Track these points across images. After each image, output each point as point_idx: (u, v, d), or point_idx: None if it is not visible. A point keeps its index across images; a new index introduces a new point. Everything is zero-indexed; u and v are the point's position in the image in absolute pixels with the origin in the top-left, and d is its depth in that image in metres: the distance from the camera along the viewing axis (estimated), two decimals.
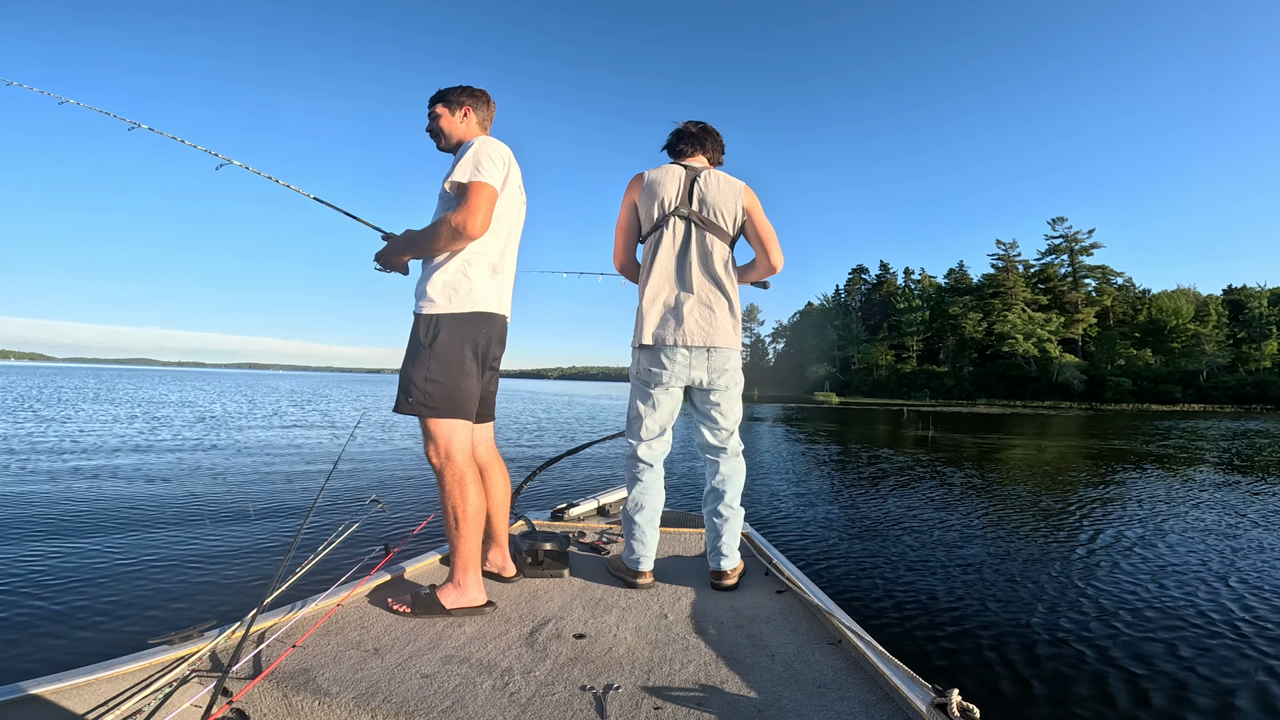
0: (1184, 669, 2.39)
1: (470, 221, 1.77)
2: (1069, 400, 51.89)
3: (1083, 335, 62.41)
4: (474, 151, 1.84)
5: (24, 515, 4.19)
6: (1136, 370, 54.94)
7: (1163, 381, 51.97)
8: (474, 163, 1.82)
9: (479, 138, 1.93)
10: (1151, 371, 54.43)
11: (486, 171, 1.82)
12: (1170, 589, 3.34)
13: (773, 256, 2.20)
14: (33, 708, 1.24)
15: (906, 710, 1.30)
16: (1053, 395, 54.33)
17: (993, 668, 2.37)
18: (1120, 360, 57.30)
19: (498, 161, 1.87)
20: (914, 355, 72.90)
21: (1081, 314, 62.46)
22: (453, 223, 1.79)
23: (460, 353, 1.85)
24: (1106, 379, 53.68)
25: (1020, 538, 4.51)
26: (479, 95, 2.05)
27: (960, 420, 22.59)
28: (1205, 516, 5.36)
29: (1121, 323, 64.48)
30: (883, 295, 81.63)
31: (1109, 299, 64.87)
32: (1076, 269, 66.18)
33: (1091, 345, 61.54)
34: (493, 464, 2.13)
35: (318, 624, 1.70)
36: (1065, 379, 55.37)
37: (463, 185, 1.81)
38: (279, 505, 4.85)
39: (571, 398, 33.49)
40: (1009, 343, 60.36)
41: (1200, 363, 53.80)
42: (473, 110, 2.03)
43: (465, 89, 2.04)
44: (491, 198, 1.81)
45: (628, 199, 2.21)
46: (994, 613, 2.95)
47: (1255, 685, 2.28)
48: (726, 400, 2.18)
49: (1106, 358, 58.06)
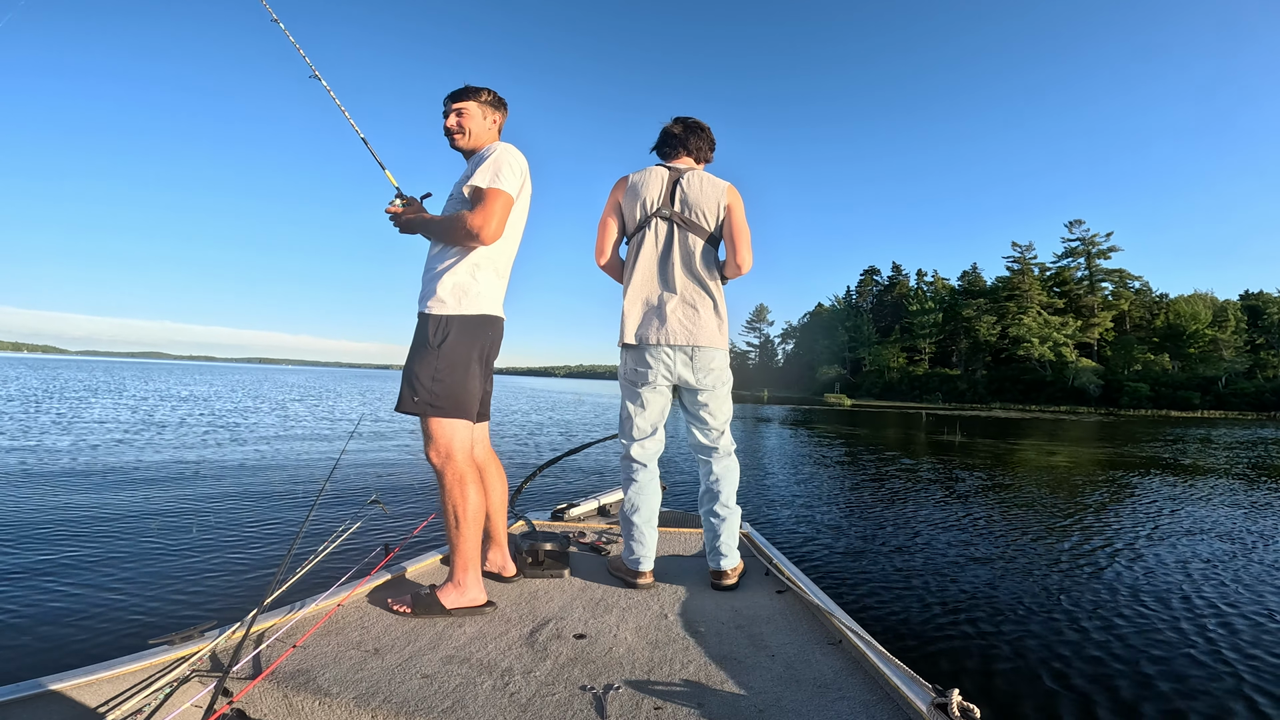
0: (1184, 670, 2.38)
1: (486, 227, 1.79)
2: (1085, 405, 51.20)
3: (1098, 340, 61.57)
4: (496, 158, 1.86)
5: (24, 515, 4.20)
6: (1154, 376, 54.01)
7: (1181, 387, 51.03)
8: (495, 169, 1.83)
9: (500, 144, 1.94)
10: (1169, 377, 53.46)
11: (507, 180, 1.84)
12: (1173, 593, 3.31)
13: (740, 255, 2.19)
14: (34, 707, 1.25)
15: (907, 710, 1.30)
16: (1068, 400, 53.58)
17: (993, 668, 2.37)
18: (1137, 366, 56.44)
19: (518, 171, 1.90)
20: (926, 358, 72.25)
21: (1098, 318, 61.62)
22: (469, 224, 1.80)
23: (467, 354, 1.86)
24: (1123, 384, 52.87)
25: (1025, 539, 4.46)
26: (504, 104, 2.07)
27: (983, 425, 21.95)
28: (1218, 523, 5.27)
29: (1138, 327, 63.50)
30: (895, 297, 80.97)
31: (1126, 303, 63.93)
32: (1093, 272, 65.30)
33: (1107, 350, 60.66)
34: (490, 464, 2.14)
35: (318, 624, 1.70)
36: (1081, 384, 54.62)
37: (481, 190, 1.82)
38: (279, 505, 4.87)
39: (580, 397, 33.49)
40: (1024, 346, 59.61)
41: (1218, 369, 52.78)
42: (500, 119, 2.06)
43: (496, 94, 2.04)
44: (508, 206, 1.84)
45: (612, 200, 2.25)
46: (995, 613, 2.94)
47: (1258, 688, 2.26)
48: (715, 400, 2.18)
49: (1123, 363, 57.19)
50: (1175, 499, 6.52)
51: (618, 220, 2.25)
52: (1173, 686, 2.26)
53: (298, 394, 24.04)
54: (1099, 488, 7.23)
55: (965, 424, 22.00)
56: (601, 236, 2.25)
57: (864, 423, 21.05)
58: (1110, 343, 61.24)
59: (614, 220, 2.25)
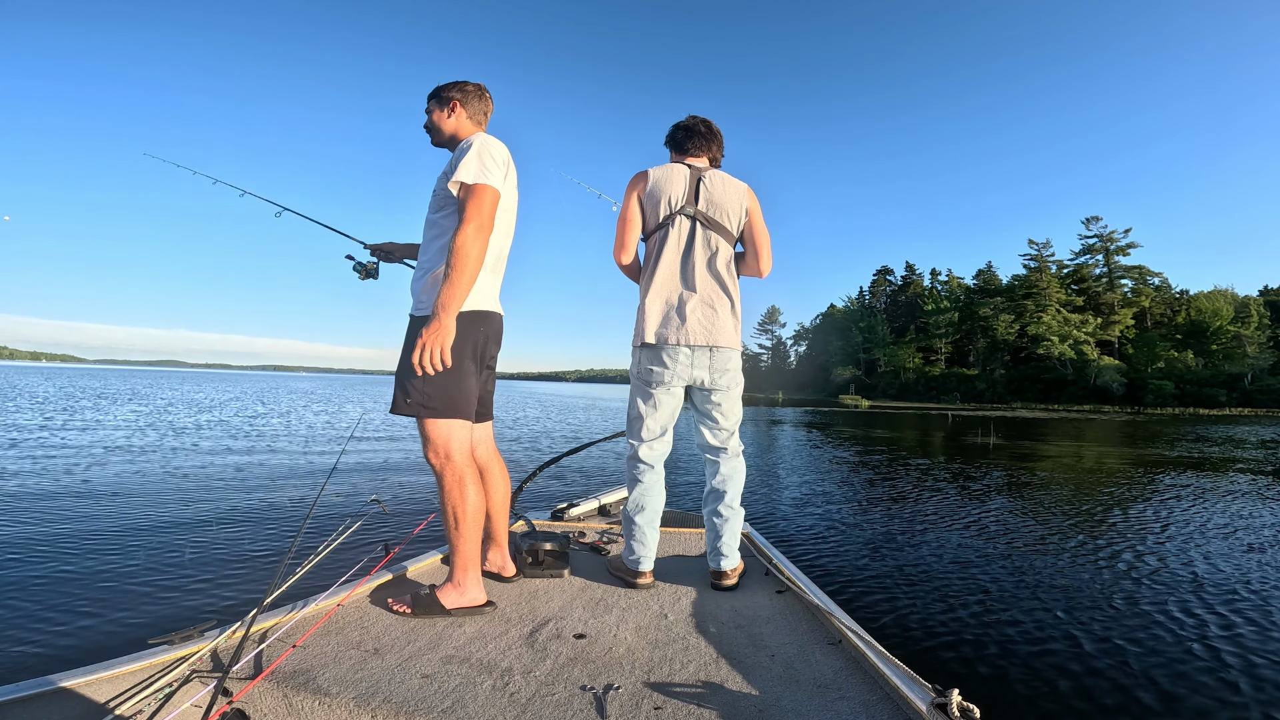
0: (1185, 671, 2.35)
1: (481, 231, 1.75)
2: (1109, 404, 50.21)
3: (1119, 337, 60.45)
4: (475, 151, 1.82)
5: (25, 516, 4.24)
6: (1178, 373, 52.91)
7: (1206, 385, 49.95)
8: (477, 162, 1.80)
9: (478, 135, 1.90)
10: (1194, 374, 52.32)
11: (490, 172, 1.81)
12: (1175, 594, 3.24)
13: (763, 261, 2.20)
14: (34, 707, 1.26)
15: (906, 710, 1.29)
16: (1091, 399, 52.66)
17: (993, 668, 2.35)
18: (1160, 363, 55.29)
19: (499, 160, 1.86)
20: (942, 358, 71.47)
21: (1118, 315, 60.54)
22: (467, 243, 1.72)
23: (459, 353, 1.84)
24: (1147, 382, 51.85)
25: (1027, 539, 4.39)
26: (469, 90, 2.03)
27: (1012, 426, 20.95)
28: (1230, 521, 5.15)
29: (1159, 324, 62.32)
30: (909, 297, 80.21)
31: (1146, 300, 62.75)
32: (1112, 269, 64.23)
33: (1129, 347, 59.56)
34: (493, 464, 2.13)
35: (318, 624, 1.71)
36: (1104, 382, 53.65)
37: (467, 186, 1.78)
38: (279, 505, 4.89)
39: (595, 401, 33.52)
40: (1044, 345, 58.71)
41: (1243, 365, 51.56)
42: (461, 104, 2.00)
43: (455, 84, 2.02)
44: (495, 199, 1.80)
45: (633, 196, 2.19)
46: (995, 613, 2.91)
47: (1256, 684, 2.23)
48: (727, 400, 2.17)
49: (1146, 360, 56.08)
50: (1201, 497, 6.36)
51: (640, 217, 2.21)
52: (1174, 687, 2.22)
53: (305, 399, 24.25)
54: (1122, 487, 7.08)
55: (994, 425, 20.91)
56: (623, 233, 2.19)
57: (884, 425, 20.40)
58: (1131, 340, 60.14)
59: (636, 217, 2.20)
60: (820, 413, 29.33)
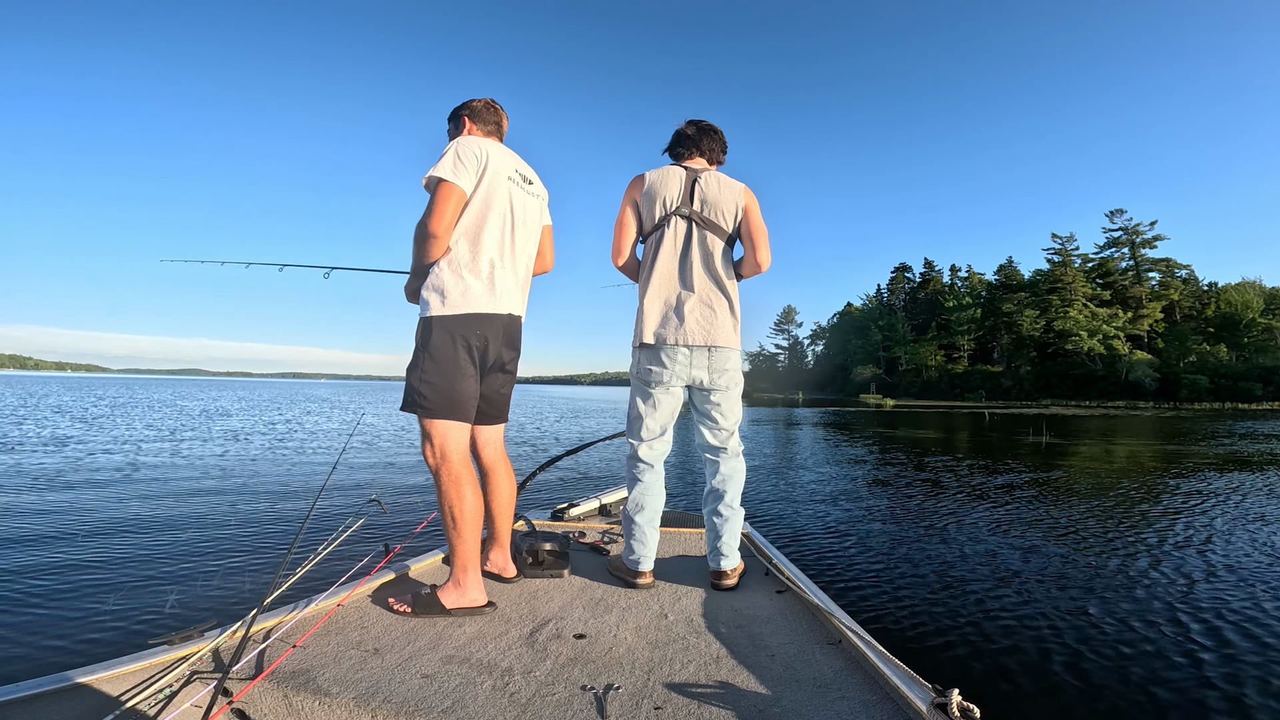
0: (1184, 671, 2.31)
1: (428, 221, 1.82)
2: (1142, 400, 48.86)
3: (1149, 331, 58.89)
4: (451, 150, 1.87)
5: (25, 516, 4.30)
6: (1211, 367, 51.25)
7: (1241, 379, 48.25)
8: (448, 160, 1.85)
9: (462, 137, 1.95)
10: (1228, 368, 50.61)
11: (445, 168, 1.83)
12: (1176, 595, 3.17)
13: (760, 254, 2.18)
14: (35, 708, 1.27)
15: (906, 710, 1.27)
16: (1123, 395, 51.20)
17: (993, 668, 2.33)
18: (1191, 358, 53.66)
19: (465, 157, 1.87)
20: (965, 355, 70.32)
21: (1147, 309, 59.05)
22: (418, 231, 1.85)
23: (453, 354, 1.85)
24: (1180, 377, 50.25)
25: (1031, 540, 4.30)
26: (476, 106, 2.08)
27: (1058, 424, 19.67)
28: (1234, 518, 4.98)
29: (1189, 318, 60.62)
30: (929, 294, 79.18)
31: (1175, 293, 61.08)
32: (1139, 262, 62.69)
33: (1159, 341, 57.95)
34: (499, 465, 2.14)
35: (318, 624, 1.72)
36: (1136, 377, 52.17)
37: (432, 182, 1.85)
38: (279, 505, 4.92)
39: (616, 404, 33.53)
40: (1072, 340, 57.45)
41: (1276, 358, 49.75)
42: (470, 120, 2.07)
43: (463, 104, 2.09)
44: (448, 193, 1.82)
45: (628, 198, 2.22)
46: (995, 613, 2.88)
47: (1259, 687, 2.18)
48: (727, 400, 2.17)
49: (1177, 354, 54.48)
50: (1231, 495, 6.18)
51: (635, 219, 2.23)
52: (1176, 688, 2.18)
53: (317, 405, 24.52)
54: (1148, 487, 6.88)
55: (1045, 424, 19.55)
56: (620, 236, 2.23)
57: (913, 424, 19.35)
58: (1161, 334, 58.57)
59: (632, 219, 2.22)
60: (844, 413, 28.70)
